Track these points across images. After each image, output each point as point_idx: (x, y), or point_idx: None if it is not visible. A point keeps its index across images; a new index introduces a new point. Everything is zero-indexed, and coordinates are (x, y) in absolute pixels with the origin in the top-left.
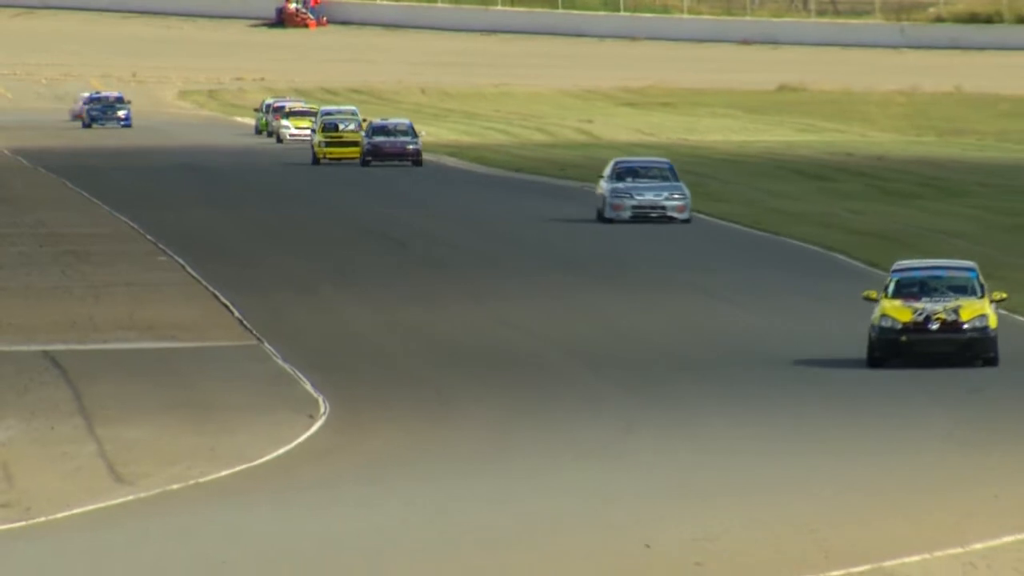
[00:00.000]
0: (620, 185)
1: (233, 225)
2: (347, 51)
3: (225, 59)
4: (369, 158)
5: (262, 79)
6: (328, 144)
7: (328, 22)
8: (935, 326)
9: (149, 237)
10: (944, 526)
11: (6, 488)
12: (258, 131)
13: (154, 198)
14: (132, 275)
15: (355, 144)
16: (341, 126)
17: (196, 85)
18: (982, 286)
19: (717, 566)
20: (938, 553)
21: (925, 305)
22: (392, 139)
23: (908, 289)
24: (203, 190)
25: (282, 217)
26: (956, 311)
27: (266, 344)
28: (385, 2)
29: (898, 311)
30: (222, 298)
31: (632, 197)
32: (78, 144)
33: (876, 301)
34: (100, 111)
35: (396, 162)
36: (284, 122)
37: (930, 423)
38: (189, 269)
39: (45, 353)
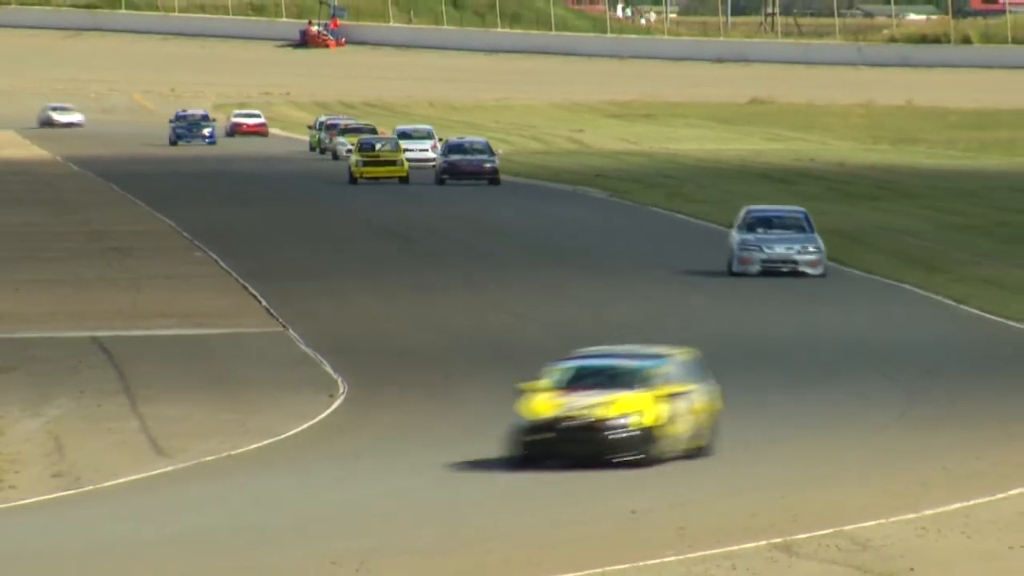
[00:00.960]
0: (750, 236)
1: (262, 223)
2: (363, 69)
3: (254, 76)
4: (445, 176)
5: (287, 94)
6: (365, 164)
7: (346, 43)
8: (569, 424)
9: (186, 234)
10: (899, 495)
11: (58, 460)
12: (312, 148)
13: (194, 200)
14: (171, 268)
15: (392, 163)
16: (378, 145)
17: (228, 99)
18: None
19: (697, 530)
20: (893, 519)
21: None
22: (469, 157)
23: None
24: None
25: (305, 213)
26: (601, 407)
27: (291, 330)
28: (397, 25)
29: (541, 405)
30: (251, 289)
31: (762, 250)
32: (164, 154)
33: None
34: (186, 129)
35: (472, 181)
36: (340, 139)
37: (887, 402)
38: (221, 263)
39: (93, 338)
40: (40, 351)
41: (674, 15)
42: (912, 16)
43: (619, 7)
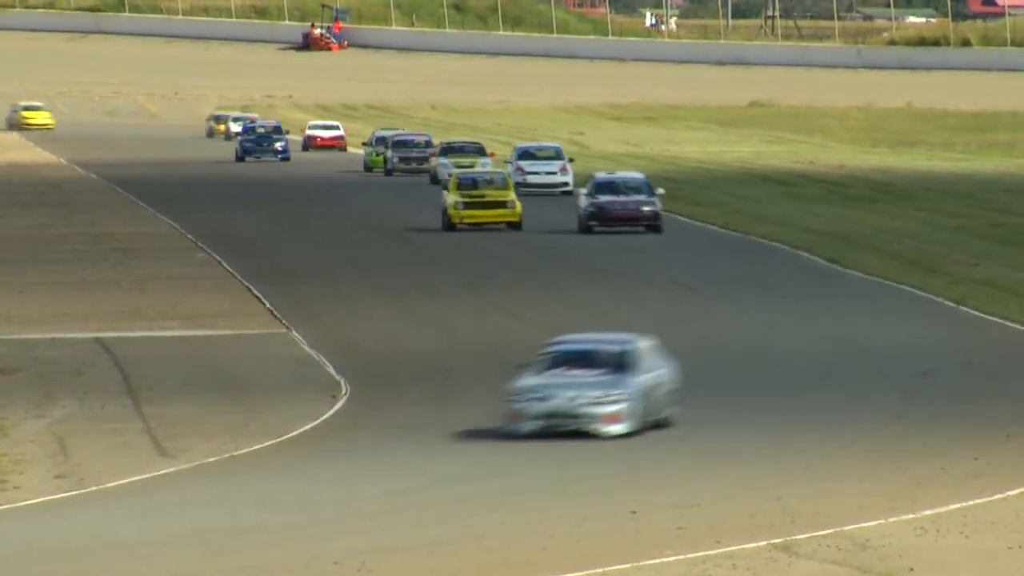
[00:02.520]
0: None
1: (269, 226)
2: (365, 72)
3: (257, 78)
4: (593, 223)
5: (290, 96)
6: (467, 206)
7: (349, 46)
8: None
9: (189, 236)
10: (897, 495)
11: (62, 460)
12: (368, 168)
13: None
14: (174, 270)
15: (502, 205)
16: (481, 181)
17: (231, 102)
18: None
19: (697, 530)
20: (892, 519)
21: None
22: (623, 198)
23: None
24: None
25: (314, 218)
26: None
27: (294, 332)
28: (399, 28)
29: None
30: (254, 291)
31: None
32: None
33: None
34: (255, 143)
35: (627, 227)
36: (443, 160)
37: (885, 403)
38: (225, 264)
39: (97, 340)
40: (44, 352)
41: (674, 18)
42: (911, 19)
43: (648, 15)
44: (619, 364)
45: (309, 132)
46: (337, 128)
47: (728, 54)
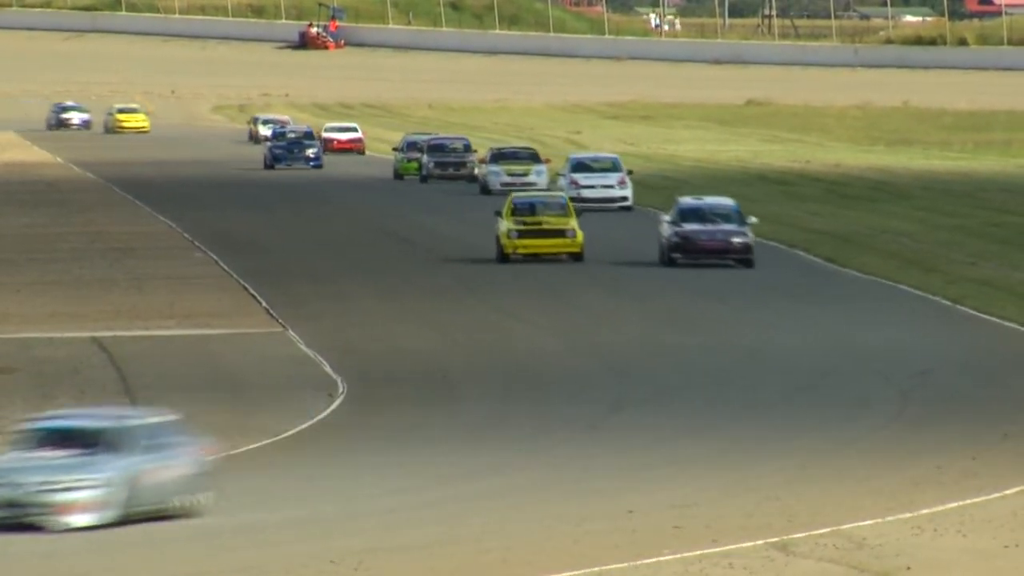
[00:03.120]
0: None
1: (267, 227)
2: (362, 70)
3: (253, 77)
4: (676, 255)
5: (287, 95)
6: (522, 234)
7: (345, 44)
8: None
9: (186, 236)
10: (894, 494)
11: None
12: (399, 175)
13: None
14: (171, 269)
15: (562, 234)
16: (540, 206)
17: (228, 100)
18: None
19: (694, 529)
20: (889, 518)
21: None
22: (711, 227)
23: None
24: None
25: (310, 219)
26: None
27: (290, 331)
28: (396, 27)
29: None
30: (251, 290)
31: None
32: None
33: None
34: (285, 149)
35: (716, 259)
36: (492, 167)
37: (883, 402)
38: (222, 264)
39: (93, 339)
40: (42, 352)
41: (671, 16)
42: (908, 18)
43: (652, 17)
44: (101, 444)
45: (326, 135)
46: (355, 130)
47: (725, 53)
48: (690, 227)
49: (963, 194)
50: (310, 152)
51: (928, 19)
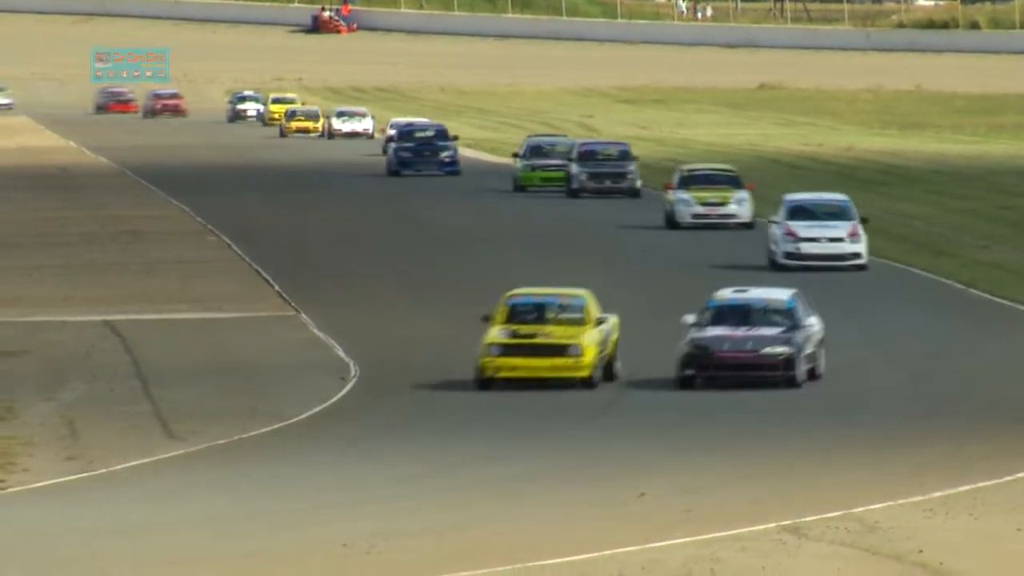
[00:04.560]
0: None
1: (281, 215)
2: (374, 54)
3: (266, 61)
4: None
5: (299, 79)
6: (506, 350)
7: (358, 28)
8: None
9: (199, 220)
10: (906, 477)
11: (72, 443)
12: (521, 186)
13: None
14: (184, 253)
15: (560, 352)
16: (549, 310)
17: (241, 84)
18: None
19: (706, 512)
20: (901, 501)
21: None
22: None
23: None
24: None
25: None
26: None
27: (303, 315)
28: (408, 11)
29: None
30: (263, 274)
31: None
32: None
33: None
34: (414, 151)
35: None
36: (682, 195)
37: (895, 386)
38: (235, 247)
39: (106, 322)
40: (53, 335)
41: (703, 3)
42: (920, 2)
43: (682, 2)
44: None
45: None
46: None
47: (737, 37)
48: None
49: (975, 178)
50: (444, 155)
51: (940, 3)
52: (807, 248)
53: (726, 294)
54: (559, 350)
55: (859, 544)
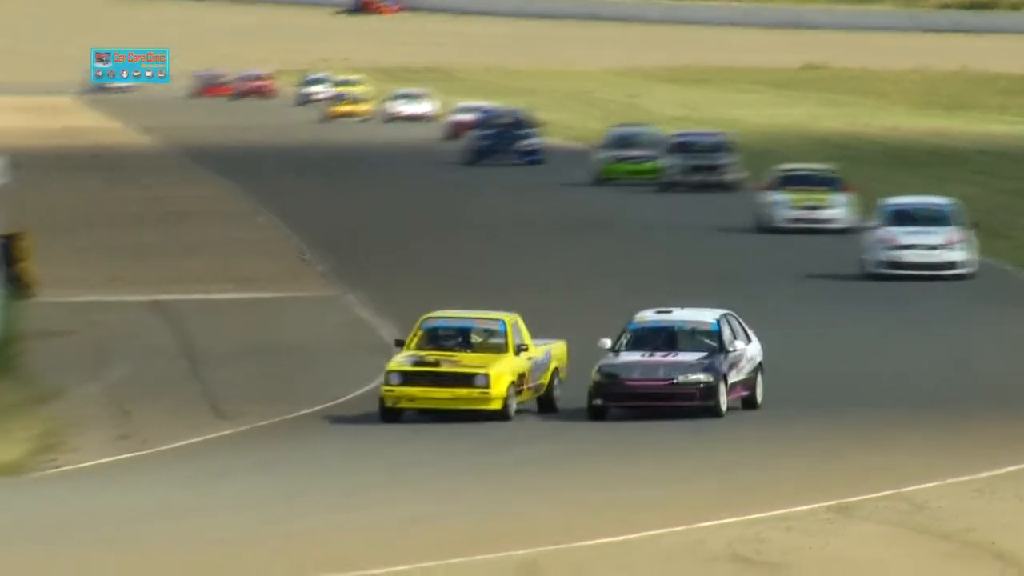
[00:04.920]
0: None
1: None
2: (418, 35)
3: (311, 43)
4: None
5: (346, 59)
6: (408, 379)
7: (401, 9)
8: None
9: (248, 201)
10: (955, 457)
11: (124, 422)
12: (602, 178)
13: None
14: (230, 233)
15: (467, 382)
16: (471, 332)
17: (287, 66)
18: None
19: (751, 491)
20: (950, 480)
21: None
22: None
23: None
24: None
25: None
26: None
27: (349, 295)
28: None
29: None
30: (309, 254)
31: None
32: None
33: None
34: (493, 140)
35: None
36: (777, 196)
37: (944, 366)
38: (282, 228)
39: (154, 302)
40: (100, 316)
41: None
42: None
43: None
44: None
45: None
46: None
47: (783, 17)
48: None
49: (1021, 158)
50: (525, 144)
51: None
52: (903, 256)
53: (647, 316)
54: (464, 379)
55: (907, 524)
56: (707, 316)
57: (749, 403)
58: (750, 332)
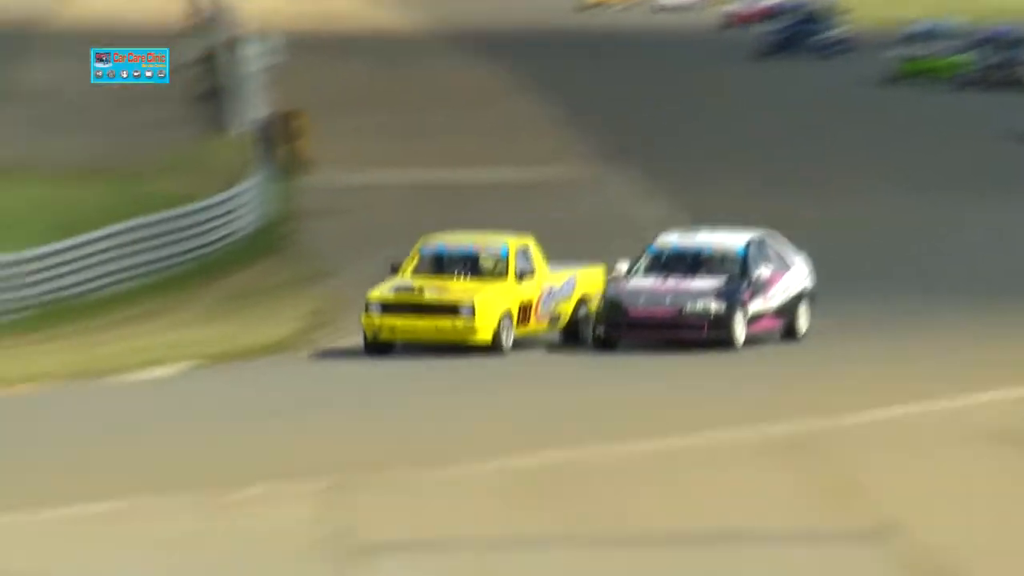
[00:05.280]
0: None
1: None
2: None
3: None
4: None
5: None
6: (388, 308)
7: None
8: None
9: (527, 83)
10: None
11: None
12: (897, 77)
13: None
14: (503, 117)
15: (452, 311)
16: (460, 259)
17: None
18: None
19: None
20: None
21: None
22: None
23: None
24: None
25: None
26: None
27: (624, 174)
28: None
29: None
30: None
31: None
32: None
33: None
34: (787, 34)
35: None
36: None
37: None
38: (549, 105)
39: (425, 185)
40: (375, 196)
41: None
42: None
43: None
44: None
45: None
46: None
47: None
48: None
49: None
50: (829, 34)
51: None
52: None
53: (669, 239)
54: (448, 309)
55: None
56: (734, 240)
57: (789, 332)
58: (796, 257)
